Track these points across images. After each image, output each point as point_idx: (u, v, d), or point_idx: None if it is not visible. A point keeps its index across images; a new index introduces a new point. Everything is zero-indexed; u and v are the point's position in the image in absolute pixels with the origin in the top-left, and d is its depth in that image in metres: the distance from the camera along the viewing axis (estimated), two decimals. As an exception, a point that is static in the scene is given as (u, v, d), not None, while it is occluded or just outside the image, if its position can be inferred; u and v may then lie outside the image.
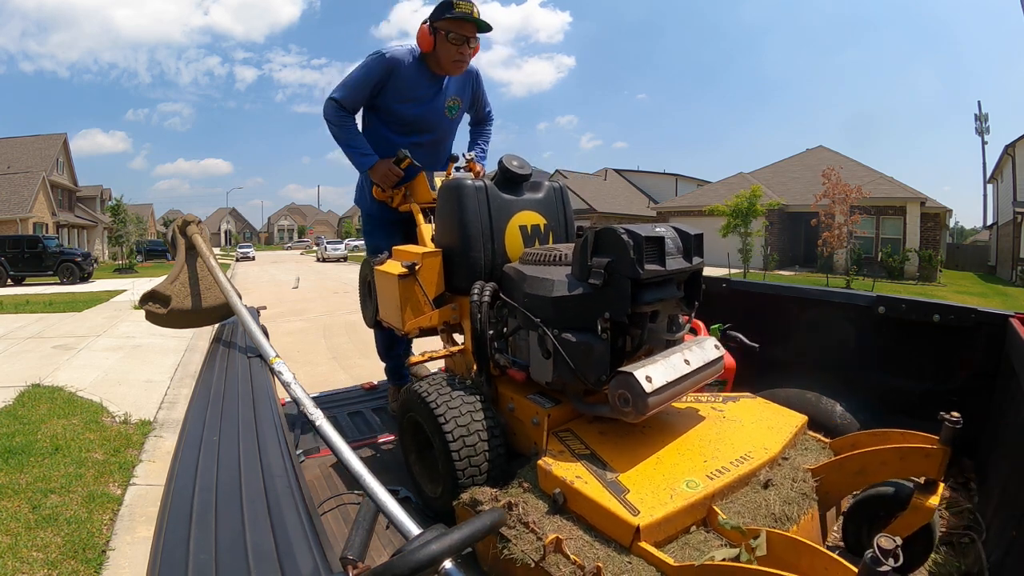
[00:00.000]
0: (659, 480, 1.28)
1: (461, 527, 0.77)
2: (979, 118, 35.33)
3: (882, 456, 1.43)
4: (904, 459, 1.40)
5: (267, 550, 0.68)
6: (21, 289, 16.14)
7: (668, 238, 1.37)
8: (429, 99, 2.16)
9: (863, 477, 1.43)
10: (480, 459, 1.46)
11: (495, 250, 1.71)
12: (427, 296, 1.76)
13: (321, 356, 6.60)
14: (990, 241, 27.90)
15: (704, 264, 1.51)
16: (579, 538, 1.19)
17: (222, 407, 1.17)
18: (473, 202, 1.67)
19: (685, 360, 1.39)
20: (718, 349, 1.52)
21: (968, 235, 45.64)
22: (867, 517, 1.42)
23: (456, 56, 2.05)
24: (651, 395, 1.26)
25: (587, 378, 1.35)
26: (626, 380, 1.27)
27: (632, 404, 1.27)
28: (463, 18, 1.97)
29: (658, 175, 35.49)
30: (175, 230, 2.08)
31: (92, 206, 35.61)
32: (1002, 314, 1.74)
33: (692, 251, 1.44)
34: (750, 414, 1.64)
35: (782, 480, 1.35)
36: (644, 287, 1.33)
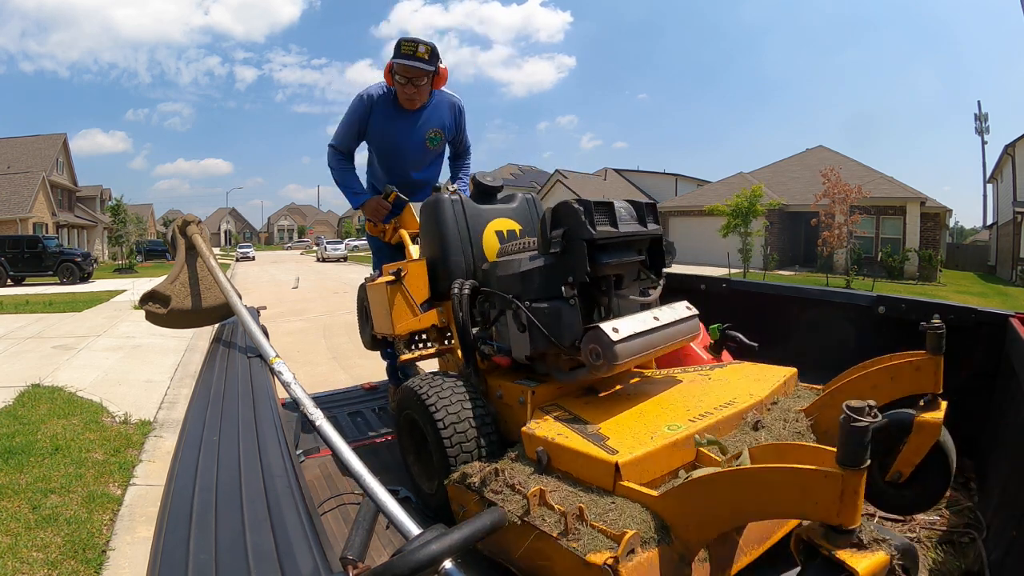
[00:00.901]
0: (640, 428, 1.29)
1: (461, 527, 0.77)
2: (979, 118, 35.33)
3: (871, 380, 1.39)
4: (895, 378, 1.37)
5: (267, 550, 0.68)
6: (21, 289, 16.14)
7: (619, 206, 1.47)
8: (407, 131, 2.28)
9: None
10: (471, 445, 1.49)
11: (474, 254, 1.84)
12: (414, 300, 1.86)
13: (321, 356, 6.60)
14: (990, 241, 27.89)
15: (661, 231, 1.58)
16: (563, 490, 1.19)
17: (222, 407, 1.18)
18: (450, 213, 1.81)
19: (654, 317, 1.45)
20: (690, 310, 1.56)
21: (968, 235, 45.64)
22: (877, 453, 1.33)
23: (403, 94, 2.19)
24: (618, 343, 1.31)
25: (561, 342, 1.40)
26: (594, 334, 1.33)
27: (603, 355, 1.32)
28: (407, 60, 2.10)
29: (658, 175, 35.47)
30: (175, 230, 2.08)
31: (92, 206, 35.60)
32: (1002, 314, 1.74)
33: (646, 218, 1.52)
34: (737, 372, 1.66)
35: (772, 422, 1.35)
36: (601, 250, 1.41)
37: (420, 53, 2.09)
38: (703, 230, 21.81)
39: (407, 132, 2.28)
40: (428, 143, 2.33)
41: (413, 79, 2.14)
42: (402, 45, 2.09)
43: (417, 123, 2.27)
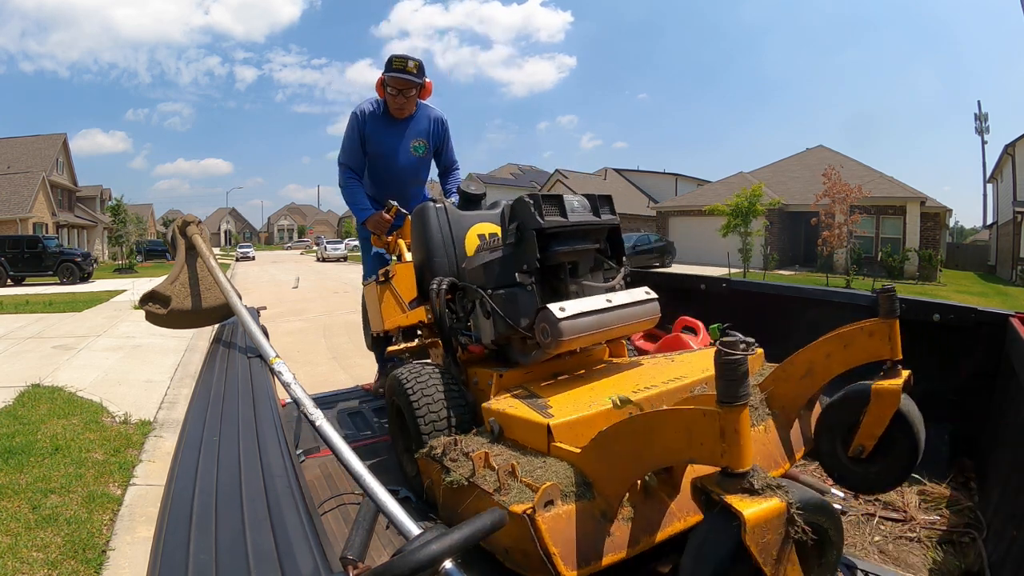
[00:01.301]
0: (584, 400, 1.35)
1: (462, 527, 0.77)
2: (979, 118, 35.33)
3: (824, 348, 1.35)
4: (848, 345, 1.34)
5: (267, 550, 0.68)
6: (21, 289, 16.14)
7: (570, 198, 1.57)
8: (395, 138, 2.56)
9: (812, 379, 1.38)
10: (443, 424, 1.57)
11: (457, 256, 1.96)
12: (402, 299, 2.05)
13: (321, 356, 6.61)
14: (990, 241, 27.90)
15: (617, 220, 1.67)
16: (506, 454, 1.28)
17: (222, 407, 1.18)
18: (434, 218, 1.96)
19: (607, 299, 1.52)
20: (648, 294, 1.62)
21: (968, 235, 45.63)
22: (839, 427, 1.37)
23: (395, 104, 2.46)
24: (563, 320, 1.41)
25: (519, 324, 1.52)
26: (544, 314, 1.44)
27: (550, 333, 1.42)
28: (397, 73, 2.36)
29: (658, 175, 35.48)
30: (175, 230, 2.08)
31: (92, 206, 35.60)
32: (1002, 314, 1.74)
33: (600, 210, 1.61)
34: (701, 354, 1.72)
35: None
36: (554, 239, 1.51)
37: (409, 68, 2.37)
38: (703, 230, 21.82)
39: (395, 139, 2.55)
40: (413, 150, 2.62)
41: (403, 90, 2.42)
42: (394, 61, 2.37)
43: (404, 131, 2.56)
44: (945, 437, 1.84)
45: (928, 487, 1.72)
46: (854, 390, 1.35)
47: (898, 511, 1.61)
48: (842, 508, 1.64)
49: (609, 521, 1.08)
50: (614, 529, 1.08)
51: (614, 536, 1.09)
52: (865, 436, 1.32)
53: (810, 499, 0.88)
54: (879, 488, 1.43)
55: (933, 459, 1.82)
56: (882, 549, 1.47)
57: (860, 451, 1.34)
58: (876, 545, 1.49)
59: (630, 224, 28.54)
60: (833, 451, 1.40)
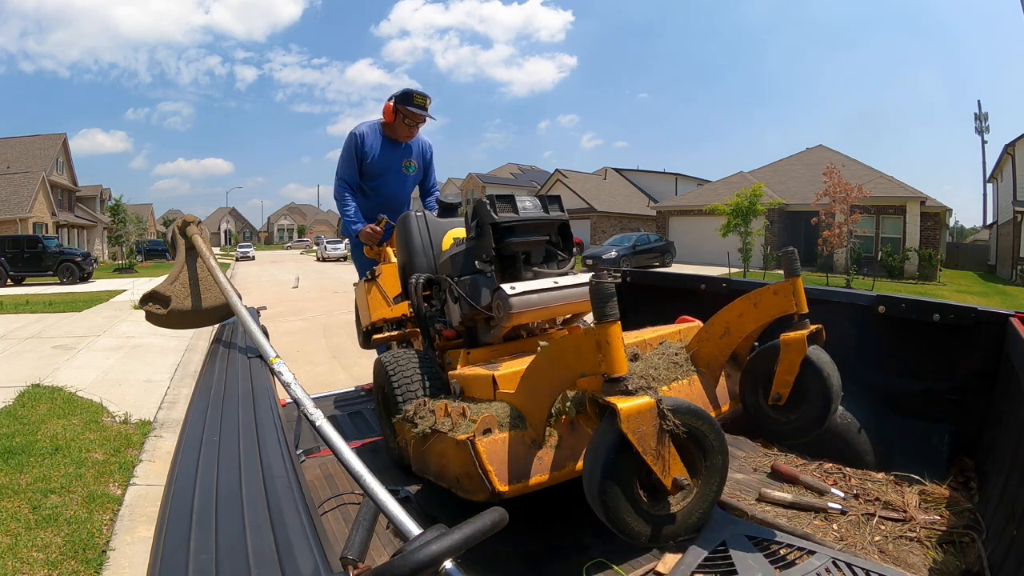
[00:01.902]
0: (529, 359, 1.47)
1: (462, 527, 0.77)
2: (979, 117, 35.33)
3: (738, 309, 1.51)
4: (758, 304, 1.49)
5: (267, 550, 0.68)
6: (21, 289, 16.14)
7: (522, 198, 1.79)
8: (389, 158, 2.86)
9: (730, 337, 1.54)
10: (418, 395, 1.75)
11: (435, 256, 2.17)
12: (387, 294, 2.34)
13: (321, 356, 6.61)
14: (990, 240, 27.90)
15: (566, 216, 1.88)
16: (462, 405, 1.44)
17: (222, 407, 1.18)
18: (415, 226, 2.20)
19: (554, 281, 1.71)
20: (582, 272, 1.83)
21: (968, 234, 45.61)
22: (759, 379, 1.51)
23: (407, 132, 2.83)
24: (513, 296, 1.61)
25: (479, 304, 1.72)
26: (498, 293, 1.65)
27: (503, 308, 1.63)
28: (418, 109, 2.70)
29: (658, 174, 35.48)
30: (175, 231, 2.08)
31: (92, 206, 35.60)
32: (1002, 313, 1.74)
33: (549, 207, 1.84)
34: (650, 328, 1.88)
35: (651, 356, 1.57)
36: (508, 232, 1.74)
37: (427, 106, 2.71)
38: (703, 230, 21.83)
39: (392, 159, 2.88)
40: (405, 169, 2.96)
41: (418, 123, 2.79)
42: (415, 97, 2.68)
43: (399, 152, 2.89)
44: (945, 437, 1.84)
45: (928, 487, 1.72)
46: (768, 345, 1.48)
47: (898, 511, 1.62)
48: (842, 508, 1.65)
49: (538, 447, 1.28)
50: (542, 455, 1.28)
51: (542, 460, 1.28)
52: (780, 384, 1.46)
53: (681, 404, 1.08)
54: (801, 435, 1.51)
55: (933, 459, 1.82)
56: (882, 549, 1.47)
57: (778, 399, 1.48)
58: (876, 545, 1.49)
59: (630, 224, 28.55)
60: (757, 402, 1.54)
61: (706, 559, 1.37)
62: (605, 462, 1.01)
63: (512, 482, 1.24)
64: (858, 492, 1.74)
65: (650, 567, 1.41)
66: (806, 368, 1.42)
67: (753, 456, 2.06)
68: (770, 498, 1.73)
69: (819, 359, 1.43)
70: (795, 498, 1.70)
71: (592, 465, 1.04)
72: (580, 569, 1.42)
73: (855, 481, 1.82)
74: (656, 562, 1.42)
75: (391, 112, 2.75)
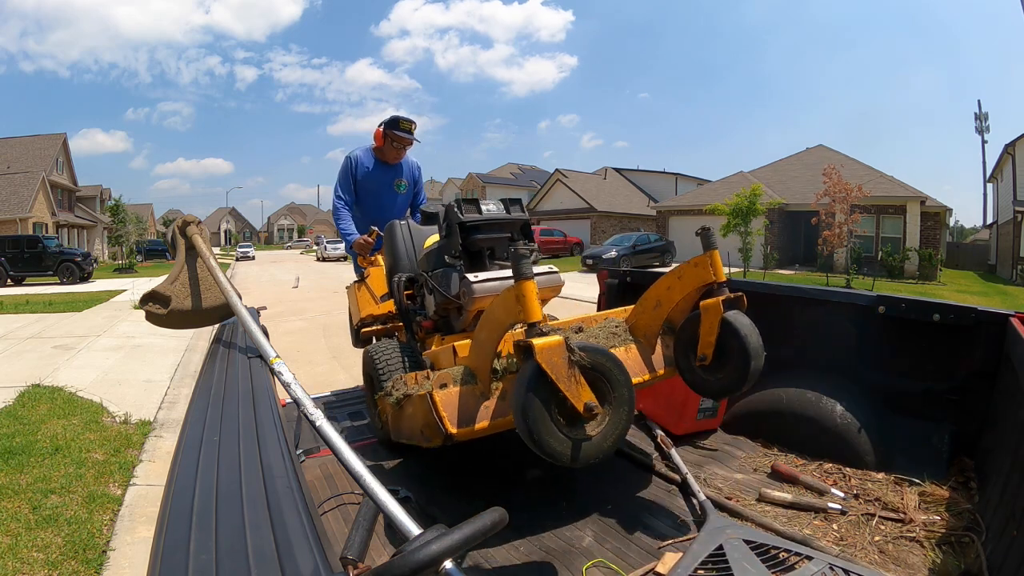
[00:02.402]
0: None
1: (462, 527, 0.77)
2: (979, 117, 35.31)
3: (665, 282, 1.72)
4: (681, 277, 1.68)
5: (267, 550, 0.68)
6: (21, 289, 16.14)
7: (488, 202, 2.01)
8: (381, 178, 3.14)
9: (661, 309, 1.73)
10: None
11: (416, 259, 2.39)
12: (375, 294, 2.63)
13: (321, 355, 6.60)
14: (990, 240, 27.89)
15: (526, 217, 2.07)
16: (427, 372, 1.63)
17: (222, 407, 1.18)
18: (399, 232, 2.47)
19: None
20: (552, 270, 1.99)
21: (968, 234, 45.57)
22: (687, 343, 1.70)
23: (395, 154, 3.12)
24: (476, 283, 1.81)
25: (449, 293, 1.93)
26: (464, 282, 1.86)
27: (466, 294, 1.83)
28: (404, 133, 2.99)
29: (658, 174, 35.46)
30: (175, 231, 2.08)
31: (92, 206, 35.59)
32: (1002, 313, 1.74)
33: (511, 208, 2.03)
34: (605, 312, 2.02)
35: (594, 329, 1.77)
36: (474, 230, 1.95)
37: (412, 130, 3.02)
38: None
39: (385, 179, 3.16)
40: (396, 188, 3.23)
41: (405, 146, 3.10)
42: (401, 123, 2.97)
43: (390, 173, 3.18)
44: (945, 437, 1.84)
45: (928, 488, 1.72)
46: (692, 315, 1.67)
47: (898, 511, 1.62)
48: (842, 508, 1.65)
49: (486, 398, 1.48)
50: (488, 404, 1.48)
51: (488, 409, 1.48)
52: (704, 345, 1.63)
53: (588, 344, 1.31)
54: (728, 391, 1.68)
55: (933, 459, 1.82)
56: (882, 549, 1.47)
57: (703, 359, 1.64)
58: (876, 545, 1.49)
59: (630, 224, 28.55)
60: (688, 364, 1.70)
61: (705, 560, 1.37)
62: (526, 389, 1.23)
63: (461, 426, 1.44)
64: (858, 492, 1.74)
65: (650, 567, 1.41)
66: (726, 330, 1.58)
67: (753, 456, 2.06)
68: (770, 498, 1.73)
69: (738, 321, 1.58)
70: (795, 498, 1.71)
71: (517, 394, 1.25)
72: (580, 569, 1.42)
73: (855, 481, 1.82)
74: (656, 562, 1.43)
75: (381, 137, 3.04)
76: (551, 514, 1.70)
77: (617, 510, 1.70)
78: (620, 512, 1.69)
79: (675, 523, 1.63)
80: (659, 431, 2.19)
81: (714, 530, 1.49)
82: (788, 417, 2.10)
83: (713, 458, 2.06)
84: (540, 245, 22.91)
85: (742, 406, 2.28)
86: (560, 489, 1.85)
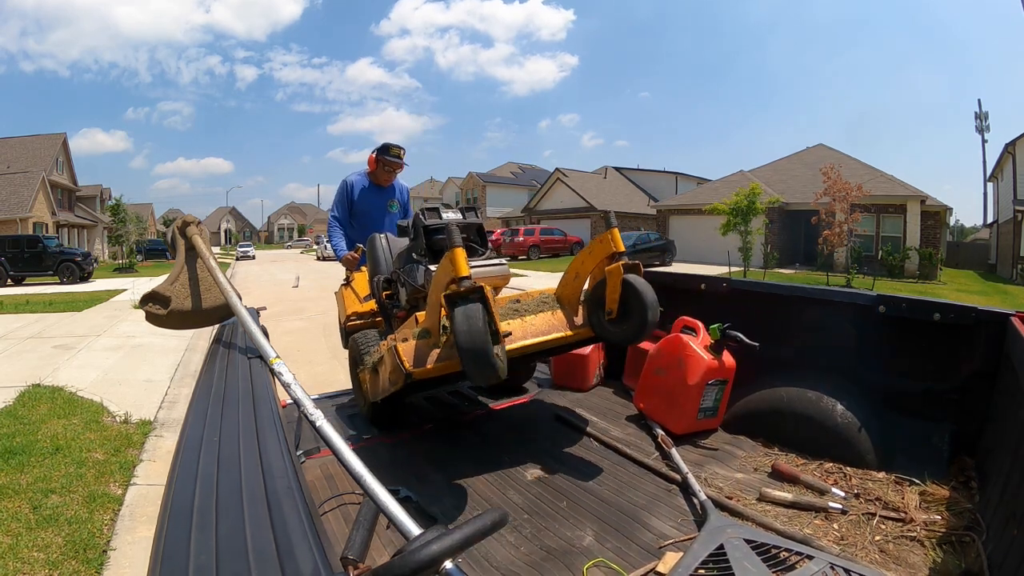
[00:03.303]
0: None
1: (462, 527, 0.77)
2: (979, 116, 35.30)
3: (580, 258, 2.11)
4: (591, 251, 2.06)
5: (268, 550, 0.68)
6: (21, 289, 16.14)
7: (447, 209, 2.35)
8: (374, 200, 3.52)
9: (579, 279, 2.11)
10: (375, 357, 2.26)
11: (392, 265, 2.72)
12: (359, 294, 3.05)
13: (321, 355, 6.60)
14: (990, 239, 27.88)
15: (480, 221, 2.41)
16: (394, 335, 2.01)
17: (222, 408, 1.18)
18: (379, 242, 2.82)
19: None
20: (502, 263, 2.29)
21: (968, 233, 45.52)
22: (596, 302, 2.04)
23: (387, 177, 3.51)
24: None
25: (417, 283, 2.25)
26: (427, 273, 2.19)
27: (428, 283, 2.08)
28: (394, 158, 3.39)
29: (658, 173, 35.45)
30: (175, 231, 2.08)
31: (92, 206, 35.60)
32: (1002, 313, 1.74)
33: (466, 215, 2.37)
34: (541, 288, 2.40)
35: (529, 301, 2.16)
36: (434, 232, 2.26)
37: (402, 155, 3.41)
38: (704, 228, 21.81)
39: (378, 200, 3.54)
40: (388, 208, 3.61)
41: (395, 170, 3.49)
42: (391, 149, 3.36)
43: (382, 195, 3.56)
44: (945, 437, 1.84)
45: (929, 487, 1.72)
46: (598, 281, 2.03)
47: (898, 511, 1.61)
48: (843, 508, 1.65)
49: (436, 347, 1.82)
50: (439, 352, 1.82)
51: (436, 355, 1.82)
52: (610, 302, 1.97)
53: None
54: (632, 339, 2.03)
55: (933, 459, 1.82)
56: (883, 548, 1.47)
57: (610, 313, 1.99)
58: (877, 544, 1.49)
59: (630, 223, 28.52)
60: (599, 319, 2.04)
61: (705, 560, 1.37)
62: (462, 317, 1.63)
63: (417, 366, 1.80)
64: (859, 492, 1.74)
65: (651, 567, 1.41)
66: (627, 289, 1.92)
67: (754, 456, 2.06)
68: (771, 498, 1.73)
69: (636, 282, 1.91)
70: (796, 498, 1.70)
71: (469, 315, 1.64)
72: (580, 569, 1.42)
73: (856, 481, 1.82)
74: (657, 562, 1.43)
75: (374, 162, 3.42)
76: (551, 514, 1.69)
77: (617, 510, 1.70)
78: (620, 512, 1.69)
79: (676, 523, 1.63)
80: (659, 431, 2.19)
81: (715, 529, 1.49)
82: (789, 417, 2.10)
83: (714, 457, 2.06)
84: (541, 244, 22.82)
85: (742, 406, 2.28)
86: (560, 489, 1.85)
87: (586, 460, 2.06)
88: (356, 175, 3.54)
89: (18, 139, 31.44)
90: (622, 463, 2.02)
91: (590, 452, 2.13)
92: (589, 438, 2.23)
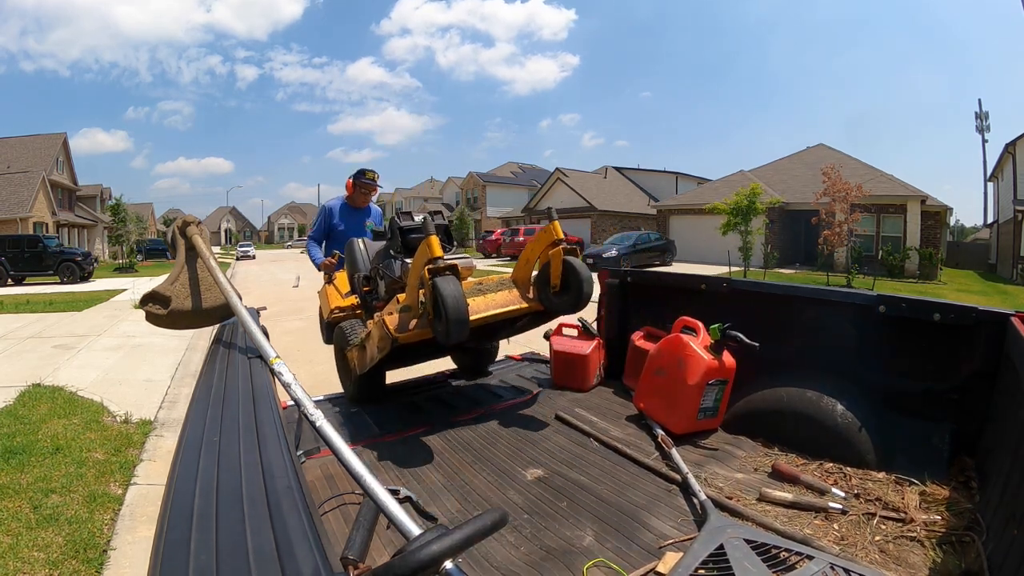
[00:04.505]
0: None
1: (463, 527, 0.77)
2: (979, 116, 35.32)
3: (531, 246, 2.52)
4: (538, 240, 2.48)
5: (268, 550, 0.68)
6: (21, 289, 16.15)
7: (418, 213, 2.79)
8: (354, 221, 3.90)
9: (529, 263, 2.53)
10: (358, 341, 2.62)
11: (369, 264, 3.04)
12: (340, 291, 3.37)
13: (321, 355, 6.59)
14: (990, 239, 27.88)
15: (446, 223, 2.83)
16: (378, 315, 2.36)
17: (222, 408, 1.17)
18: (357, 245, 3.14)
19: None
20: (466, 258, 2.62)
21: (968, 233, 45.51)
22: (543, 280, 2.46)
23: (363, 199, 3.91)
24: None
25: (393, 276, 2.60)
26: (402, 266, 2.57)
27: (404, 275, 2.43)
28: (368, 181, 3.81)
29: (658, 173, 35.44)
30: (175, 231, 2.08)
31: (92, 205, 35.60)
32: (1002, 313, 1.74)
33: (435, 217, 2.71)
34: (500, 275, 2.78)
35: (490, 284, 2.57)
36: (409, 232, 2.70)
37: (375, 179, 3.85)
38: (704, 228, 21.81)
39: (356, 221, 3.91)
40: (366, 228, 3.91)
41: (370, 192, 3.90)
42: (366, 173, 3.78)
43: (360, 216, 3.93)
44: (945, 437, 1.84)
45: (928, 487, 1.72)
46: (544, 265, 2.45)
47: (898, 511, 1.61)
48: (842, 508, 1.65)
49: (416, 318, 2.17)
50: (416, 322, 2.16)
51: (416, 323, 2.16)
52: (554, 277, 2.41)
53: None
54: (574, 307, 2.38)
55: (933, 459, 1.82)
56: (883, 548, 1.47)
57: (554, 287, 2.42)
58: (876, 545, 1.49)
59: (631, 223, 28.53)
60: (546, 293, 2.45)
61: (705, 560, 1.37)
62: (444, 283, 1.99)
63: (401, 332, 2.17)
64: (859, 492, 1.74)
65: (651, 567, 1.41)
66: (567, 268, 2.35)
67: (754, 456, 2.06)
68: (771, 498, 1.73)
69: (574, 261, 2.35)
70: (796, 498, 1.70)
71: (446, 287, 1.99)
72: (580, 569, 1.42)
73: (856, 481, 1.82)
74: (657, 562, 1.43)
75: (351, 186, 3.83)
76: (551, 514, 1.69)
77: (617, 510, 1.70)
78: (620, 512, 1.69)
79: (676, 523, 1.63)
80: (659, 431, 2.19)
81: (715, 529, 1.49)
82: (788, 417, 2.10)
83: (714, 457, 2.06)
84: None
85: (743, 406, 2.28)
86: (560, 489, 1.85)
87: (586, 460, 2.05)
88: (334, 201, 4.04)
89: (18, 139, 31.45)
90: (622, 463, 2.02)
91: (590, 452, 2.12)
92: (589, 438, 2.23)
